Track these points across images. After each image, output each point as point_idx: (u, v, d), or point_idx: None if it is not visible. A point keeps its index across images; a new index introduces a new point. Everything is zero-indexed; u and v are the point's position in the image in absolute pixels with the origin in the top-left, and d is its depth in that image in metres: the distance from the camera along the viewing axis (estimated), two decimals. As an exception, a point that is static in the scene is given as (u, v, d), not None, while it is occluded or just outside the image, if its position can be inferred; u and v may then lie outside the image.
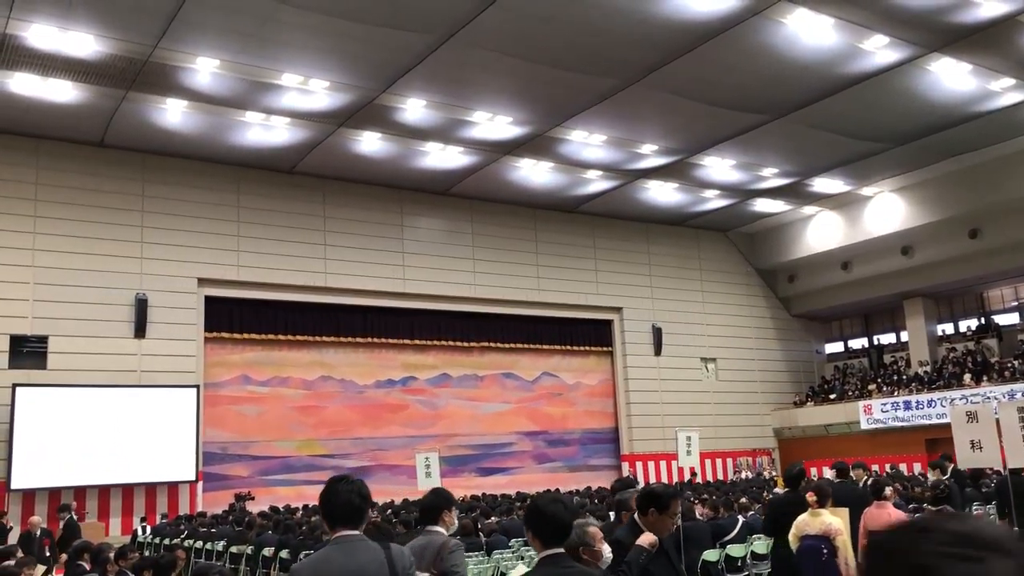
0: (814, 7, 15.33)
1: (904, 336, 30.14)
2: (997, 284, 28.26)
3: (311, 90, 17.47)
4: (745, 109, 19.48)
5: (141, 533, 17.00)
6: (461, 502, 17.54)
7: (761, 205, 26.94)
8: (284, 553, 11.34)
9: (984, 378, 25.24)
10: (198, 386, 19.92)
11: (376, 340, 23.35)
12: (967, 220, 24.66)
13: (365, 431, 22.97)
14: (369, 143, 20.40)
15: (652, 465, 26.15)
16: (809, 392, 30.53)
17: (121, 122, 18.51)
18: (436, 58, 16.42)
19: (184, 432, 19.32)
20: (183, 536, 14.61)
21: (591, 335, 26.96)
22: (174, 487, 19.46)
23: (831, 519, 6.96)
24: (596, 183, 24.05)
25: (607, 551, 4.10)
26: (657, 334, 27.43)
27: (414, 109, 18.63)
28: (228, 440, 21.07)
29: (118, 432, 18.62)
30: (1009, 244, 24.14)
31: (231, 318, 21.30)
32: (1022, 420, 8.79)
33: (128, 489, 18.97)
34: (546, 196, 24.85)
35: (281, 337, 22.00)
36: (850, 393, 29.01)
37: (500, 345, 25.37)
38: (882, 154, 22.73)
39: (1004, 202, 23.42)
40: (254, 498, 19.63)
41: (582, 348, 26.83)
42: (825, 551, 6.86)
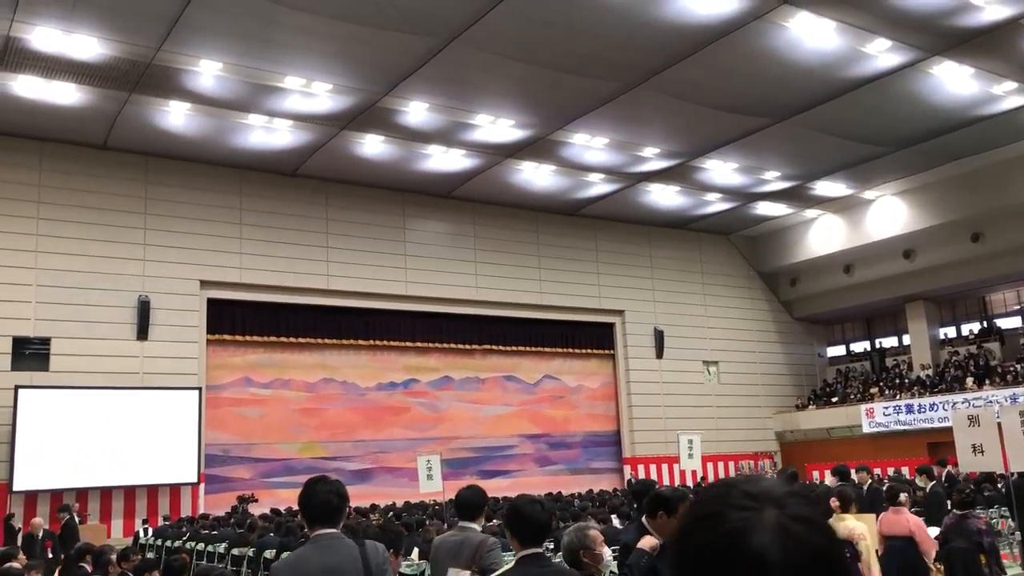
0: (816, 11, 15.34)
1: (906, 339, 30.12)
2: (999, 288, 28.25)
3: (314, 93, 17.49)
4: (747, 112, 19.49)
5: (143, 535, 17.01)
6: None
7: (763, 208, 26.95)
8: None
9: (986, 382, 25.21)
10: (200, 388, 19.94)
11: (378, 342, 23.37)
12: (969, 224, 24.65)
13: (367, 433, 22.98)
14: (372, 146, 20.42)
15: (654, 468, 26.11)
16: (811, 395, 30.52)
17: (124, 124, 18.55)
18: (439, 61, 16.45)
19: (186, 434, 19.34)
20: (185, 538, 14.62)
21: (593, 338, 26.96)
22: (176, 489, 19.48)
23: (855, 523, 7.02)
24: (598, 186, 24.06)
25: (607, 554, 4.12)
26: (659, 337, 27.43)
27: (417, 112, 18.65)
28: (230, 442, 21.09)
29: (120, 434, 18.64)
30: (1011, 248, 24.12)
31: (233, 320, 21.33)
32: (1024, 424, 8.79)
33: (130, 491, 19.00)
34: (548, 199, 24.86)
35: (283, 339, 22.02)
36: (852, 396, 28.99)
37: (502, 348, 25.37)
38: (884, 157, 22.72)
39: (1006, 206, 23.40)
40: (257, 500, 19.64)
41: (584, 351, 26.82)
42: (848, 555, 6.90)
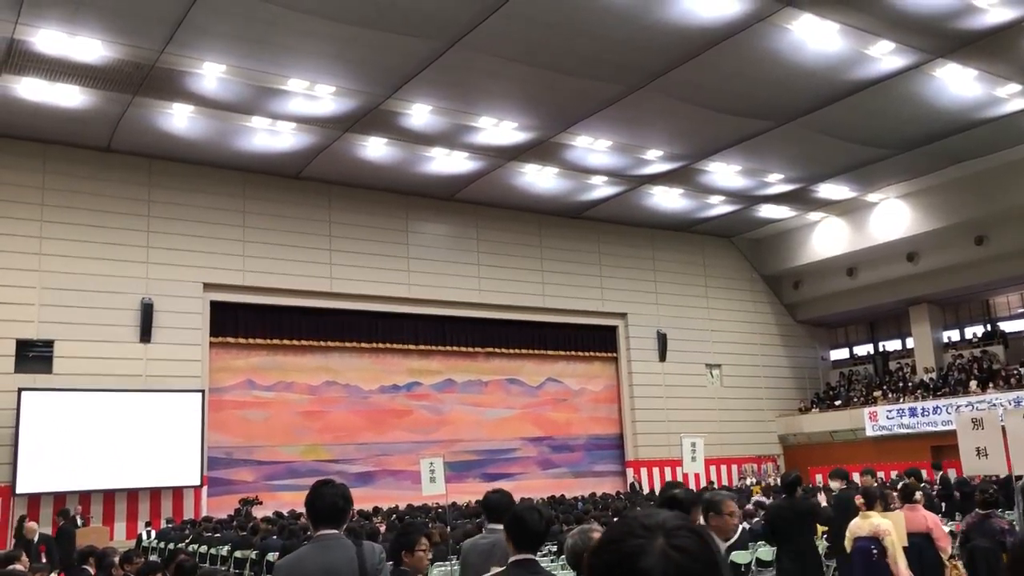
0: (819, 13, 15.32)
1: (910, 343, 30.06)
2: (1003, 291, 28.18)
3: (317, 95, 17.50)
4: (750, 115, 19.47)
5: (146, 538, 17.02)
6: (466, 508, 17.54)
7: (766, 211, 26.92)
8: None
9: (990, 385, 25.15)
10: (203, 391, 19.95)
11: (381, 345, 23.36)
12: (973, 226, 24.60)
13: (370, 436, 22.96)
14: (375, 148, 20.43)
15: (657, 471, 26.09)
16: (814, 399, 30.47)
17: (127, 127, 18.57)
18: (442, 63, 16.45)
19: (189, 437, 19.34)
20: (188, 540, 14.62)
21: (596, 341, 26.93)
22: (179, 492, 19.48)
23: (880, 520, 7.06)
24: (601, 189, 24.05)
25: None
26: (662, 340, 27.40)
27: (420, 114, 18.66)
28: (233, 445, 21.09)
29: (123, 436, 18.64)
30: (1015, 250, 24.05)
31: (236, 323, 21.33)
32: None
33: (133, 493, 19.00)
34: (551, 202, 24.86)
35: (286, 342, 22.03)
36: (855, 400, 28.93)
37: (505, 351, 25.36)
38: (888, 160, 22.68)
39: (1010, 208, 23.35)
40: (261, 503, 19.64)
41: (587, 354, 26.80)
42: (875, 551, 6.94)
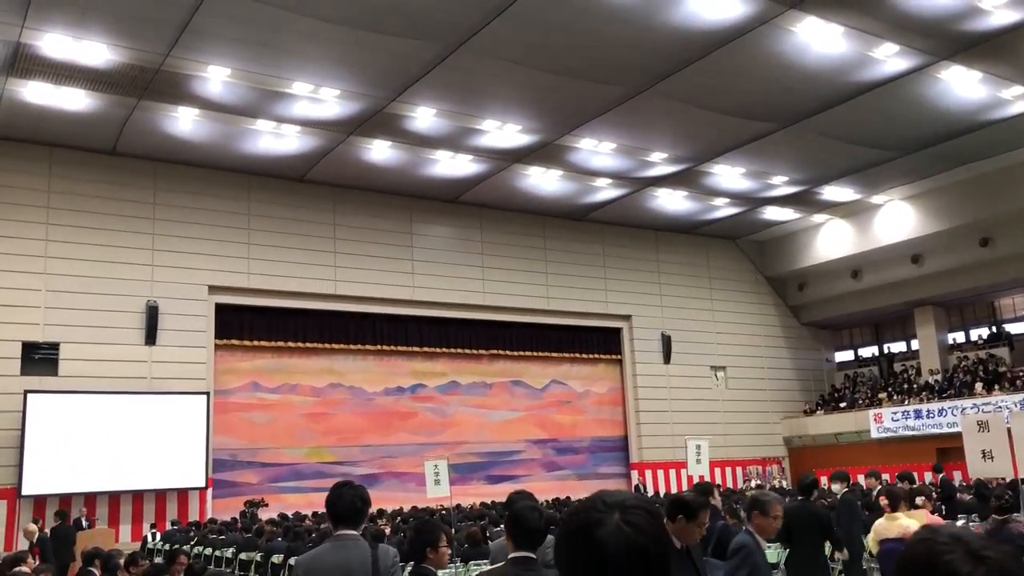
0: (824, 15, 15.32)
1: (915, 344, 30.01)
2: (1008, 293, 28.13)
3: (321, 99, 17.55)
4: (755, 117, 19.47)
5: (151, 540, 17.05)
6: (470, 510, 17.55)
7: (771, 213, 26.90)
8: (293, 560, 11.33)
9: (995, 387, 25.09)
10: (208, 393, 20.00)
11: (385, 347, 23.39)
12: (978, 228, 24.57)
13: (374, 438, 22.99)
14: (379, 151, 20.47)
15: (661, 474, 26.09)
16: (819, 401, 30.43)
17: (133, 130, 18.63)
18: (446, 67, 16.48)
19: (194, 439, 19.39)
20: (193, 542, 14.65)
21: (600, 343, 26.94)
22: (184, 494, 19.51)
23: (908, 521, 7.08)
24: (605, 191, 24.06)
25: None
26: (666, 342, 27.39)
27: (424, 117, 18.69)
28: (238, 447, 21.12)
29: (128, 439, 18.69)
30: (1020, 252, 24.00)
31: (241, 325, 21.38)
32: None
33: (138, 495, 19.04)
34: (555, 204, 24.87)
35: (291, 344, 22.07)
36: (860, 402, 28.89)
37: (509, 353, 25.37)
38: (892, 162, 22.66)
39: (1015, 210, 23.30)
40: (267, 505, 19.68)
41: (591, 356, 26.80)
42: None
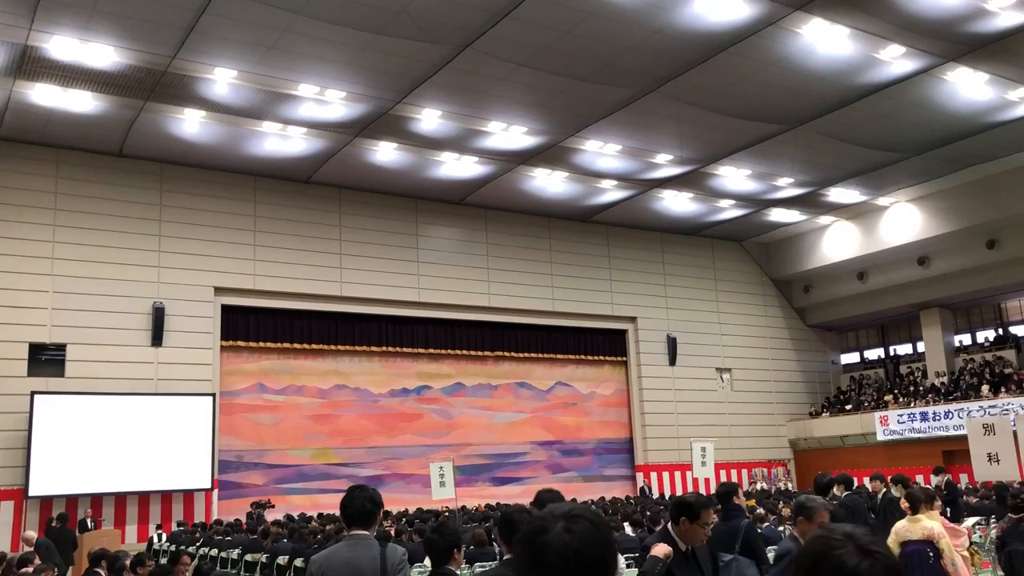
0: (830, 17, 15.31)
1: (921, 347, 29.94)
2: (1015, 295, 28.03)
3: (327, 100, 17.58)
4: (760, 119, 19.45)
5: (157, 541, 17.07)
6: (475, 512, 17.55)
7: (776, 215, 26.87)
8: (299, 562, 11.32)
9: (1002, 390, 25.00)
10: (214, 394, 20.04)
11: (391, 349, 23.41)
12: (984, 230, 24.51)
13: (380, 440, 23.00)
14: (385, 153, 20.50)
15: (667, 475, 26.06)
16: (825, 403, 30.36)
17: (139, 132, 18.69)
18: (451, 68, 16.51)
19: (200, 440, 19.42)
20: (199, 544, 14.66)
21: (605, 345, 26.92)
22: (190, 495, 19.55)
23: (930, 523, 7.10)
24: (611, 193, 24.05)
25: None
26: (672, 344, 27.37)
27: (429, 119, 18.72)
28: (243, 448, 21.16)
29: (135, 440, 18.73)
30: (1027, 254, 23.98)
31: (247, 327, 21.42)
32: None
33: (144, 497, 19.08)
34: (561, 205, 24.87)
35: (297, 346, 22.10)
36: (866, 404, 28.82)
37: (514, 354, 25.37)
38: (898, 164, 22.63)
39: (1022, 212, 23.24)
40: (274, 506, 19.71)
41: (596, 358, 26.79)
42: (932, 554, 6.98)
